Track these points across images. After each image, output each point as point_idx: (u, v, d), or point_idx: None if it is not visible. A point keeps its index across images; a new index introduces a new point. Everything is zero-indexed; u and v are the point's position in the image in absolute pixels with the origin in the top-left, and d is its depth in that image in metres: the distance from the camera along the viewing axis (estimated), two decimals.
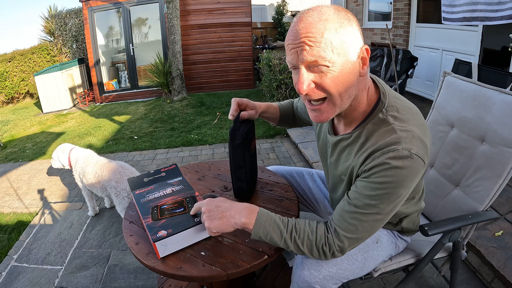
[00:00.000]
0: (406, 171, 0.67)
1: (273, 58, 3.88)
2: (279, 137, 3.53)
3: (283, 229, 0.76)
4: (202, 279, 0.76)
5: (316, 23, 0.65)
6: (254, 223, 0.75)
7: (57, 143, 3.89)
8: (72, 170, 2.09)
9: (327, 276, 0.86)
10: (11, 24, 19.70)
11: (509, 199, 1.72)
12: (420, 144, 0.69)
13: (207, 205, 0.80)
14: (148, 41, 6.46)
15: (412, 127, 0.71)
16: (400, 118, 0.73)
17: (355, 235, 0.73)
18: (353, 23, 0.69)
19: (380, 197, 0.70)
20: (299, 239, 0.75)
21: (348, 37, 0.67)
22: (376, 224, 0.74)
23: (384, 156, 0.68)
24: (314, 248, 0.75)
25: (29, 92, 6.90)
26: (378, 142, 0.71)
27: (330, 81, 0.68)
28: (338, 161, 0.85)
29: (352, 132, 0.79)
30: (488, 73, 2.43)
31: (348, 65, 0.68)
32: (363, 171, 0.73)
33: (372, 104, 0.78)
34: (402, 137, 0.69)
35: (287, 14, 8.91)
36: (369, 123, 0.76)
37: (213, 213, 0.78)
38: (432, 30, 3.69)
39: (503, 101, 1.01)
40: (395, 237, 0.99)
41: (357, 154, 0.77)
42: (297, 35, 0.67)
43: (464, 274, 1.47)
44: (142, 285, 1.60)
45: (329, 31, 0.65)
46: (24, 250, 1.95)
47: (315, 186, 1.22)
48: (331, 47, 0.65)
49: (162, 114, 4.75)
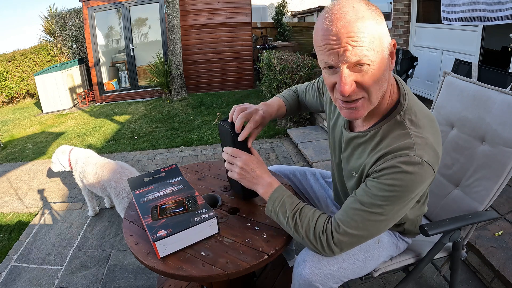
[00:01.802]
0: (415, 177, 0.68)
1: (273, 58, 3.88)
2: (279, 137, 3.54)
3: (289, 208, 0.80)
4: (202, 279, 0.76)
5: (355, 22, 0.63)
6: (269, 196, 0.84)
7: (57, 143, 3.89)
8: (72, 171, 2.08)
9: (328, 275, 0.86)
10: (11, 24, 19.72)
11: (509, 199, 1.72)
12: (432, 153, 0.70)
13: (245, 164, 0.87)
14: (148, 41, 6.47)
15: (427, 134, 0.71)
16: (416, 123, 0.73)
17: (356, 231, 0.73)
18: (383, 18, 0.69)
19: (386, 198, 0.70)
20: (300, 221, 0.78)
21: (383, 33, 0.67)
22: (378, 225, 0.74)
23: (396, 160, 0.69)
24: (311, 233, 0.77)
25: (29, 92, 6.90)
26: (392, 144, 0.72)
27: (371, 80, 0.68)
28: (351, 157, 0.85)
29: (368, 130, 0.79)
30: (488, 73, 2.43)
31: (384, 61, 0.68)
32: (374, 171, 0.73)
33: (391, 104, 0.77)
34: (416, 143, 0.69)
35: (287, 14, 8.92)
36: (386, 123, 0.76)
37: (246, 174, 0.88)
38: (432, 30, 3.69)
39: (503, 101, 1.01)
40: (396, 238, 0.99)
41: (370, 153, 0.77)
42: (337, 35, 0.64)
43: (464, 274, 1.47)
44: (142, 285, 1.60)
45: (369, 29, 0.64)
46: (24, 250, 1.95)
47: (318, 185, 1.22)
48: (372, 45, 0.65)
49: (162, 114, 4.75)
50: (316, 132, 3.34)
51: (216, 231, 0.88)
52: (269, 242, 0.84)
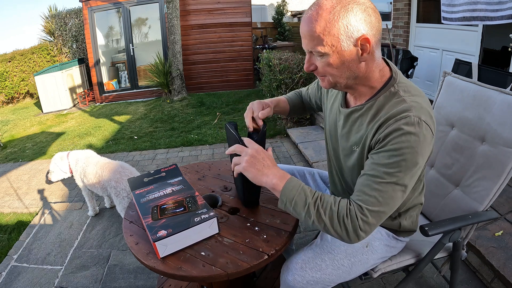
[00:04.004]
0: (418, 137, 0.71)
1: (273, 58, 3.87)
2: (279, 137, 3.53)
3: (309, 195, 0.77)
4: (202, 279, 0.76)
5: (312, 19, 0.75)
6: (283, 186, 0.78)
7: (57, 143, 3.89)
8: (72, 176, 2.06)
9: (311, 281, 0.88)
10: (11, 24, 19.71)
11: (509, 199, 1.72)
12: (428, 114, 0.74)
13: (256, 152, 0.82)
14: (148, 41, 6.47)
15: (420, 100, 0.76)
16: (409, 92, 0.78)
17: (377, 207, 0.72)
18: (354, 10, 0.74)
19: (397, 164, 0.71)
20: (322, 208, 0.75)
21: (340, 29, 0.75)
22: (395, 195, 0.73)
23: (398, 123, 0.72)
24: (335, 219, 0.73)
25: (29, 92, 6.90)
26: (390, 111, 0.75)
27: (323, 67, 0.80)
28: (350, 132, 0.87)
29: (365, 103, 0.83)
30: (488, 73, 2.42)
31: (344, 54, 0.76)
32: (377, 141, 0.75)
33: (384, 80, 0.82)
34: (412, 106, 0.73)
35: (287, 14, 8.91)
36: (381, 95, 0.80)
37: (256, 162, 0.81)
38: (432, 30, 3.69)
39: (503, 101, 1.01)
40: (389, 239, 0.98)
41: (369, 124, 0.80)
42: (301, 30, 0.78)
43: (464, 274, 1.47)
44: (142, 285, 1.60)
45: (320, 26, 0.75)
46: (24, 250, 1.95)
47: (316, 185, 1.23)
48: (324, 40, 0.76)
49: (162, 114, 4.75)
50: (316, 132, 3.34)
51: (216, 231, 0.88)
52: (269, 242, 0.84)
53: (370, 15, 0.72)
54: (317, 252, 0.93)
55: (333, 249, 0.93)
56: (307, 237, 1.83)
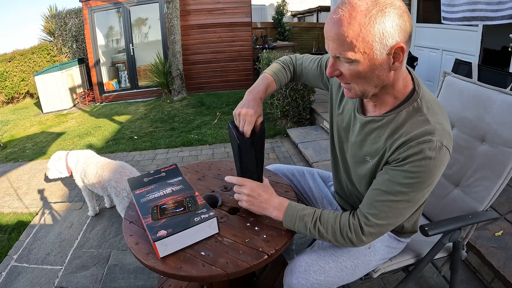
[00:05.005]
0: (436, 162, 0.70)
1: (273, 58, 3.88)
2: (279, 137, 3.54)
3: (308, 220, 0.83)
4: (202, 279, 0.76)
5: (342, 22, 0.70)
6: (282, 217, 0.86)
7: (57, 143, 3.89)
8: (70, 176, 2.06)
9: (315, 284, 0.89)
10: (11, 24, 19.73)
11: (509, 199, 1.72)
12: (448, 137, 0.73)
13: (251, 190, 0.90)
14: (148, 41, 6.47)
15: (442, 120, 0.74)
16: (432, 110, 0.75)
17: (386, 221, 0.76)
18: (391, 14, 0.69)
19: (412, 185, 0.72)
20: (323, 228, 0.81)
21: (376, 34, 0.70)
22: (405, 212, 0.77)
23: (420, 146, 0.70)
24: (338, 236, 0.80)
25: (29, 92, 6.91)
26: (412, 131, 0.73)
27: (350, 74, 0.75)
28: (365, 142, 0.84)
29: (384, 115, 0.79)
30: (488, 73, 2.42)
31: (374, 61, 0.72)
32: (396, 159, 0.74)
33: (407, 92, 0.78)
34: (435, 129, 0.71)
35: (287, 14, 8.92)
36: (404, 109, 0.77)
37: (254, 200, 0.90)
38: (432, 30, 3.69)
39: (503, 101, 1.01)
40: (390, 240, 0.98)
41: (388, 139, 0.77)
42: (326, 31, 0.74)
43: (464, 274, 1.47)
44: (142, 285, 1.60)
45: (353, 31, 0.70)
46: (24, 250, 1.95)
47: (315, 185, 1.23)
48: (355, 46, 0.71)
49: (162, 114, 4.75)
50: (316, 132, 3.34)
51: (216, 231, 0.88)
52: (269, 242, 0.84)
53: (406, 21, 0.67)
54: (320, 254, 0.93)
55: (336, 251, 0.93)
56: (307, 237, 1.83)
